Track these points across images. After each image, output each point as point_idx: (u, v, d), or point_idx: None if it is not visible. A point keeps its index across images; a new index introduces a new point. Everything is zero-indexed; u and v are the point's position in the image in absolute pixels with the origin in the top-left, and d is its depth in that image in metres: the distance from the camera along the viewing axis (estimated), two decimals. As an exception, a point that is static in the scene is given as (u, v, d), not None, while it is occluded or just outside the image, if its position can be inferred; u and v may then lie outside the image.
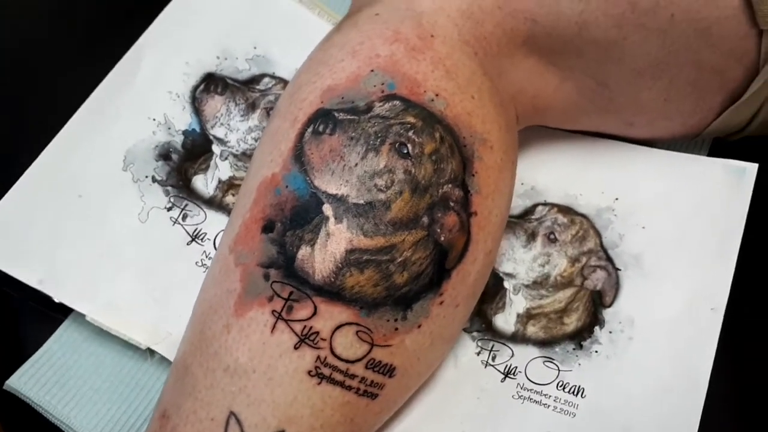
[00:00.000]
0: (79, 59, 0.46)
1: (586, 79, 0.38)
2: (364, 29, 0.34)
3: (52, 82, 0.44)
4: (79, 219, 0.39)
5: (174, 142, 0.42)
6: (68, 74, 0.45)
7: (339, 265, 0.30)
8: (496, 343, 0.39)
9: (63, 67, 0.45)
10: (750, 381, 0.39)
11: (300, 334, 0.30)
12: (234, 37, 0.45)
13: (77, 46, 0.47)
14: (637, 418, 0.35)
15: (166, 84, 0.43)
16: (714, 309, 0.37)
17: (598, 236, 0.42)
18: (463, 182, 0.32)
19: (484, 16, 0.34)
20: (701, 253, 0.39)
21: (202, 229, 0.41)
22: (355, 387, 0.31)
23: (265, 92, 0.45)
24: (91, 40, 0.47)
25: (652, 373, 0.37)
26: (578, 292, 0.40)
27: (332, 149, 0.31)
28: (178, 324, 0.37)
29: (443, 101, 0.32)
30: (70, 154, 0.40)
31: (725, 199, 0.41)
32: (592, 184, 0.43)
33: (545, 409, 0.37)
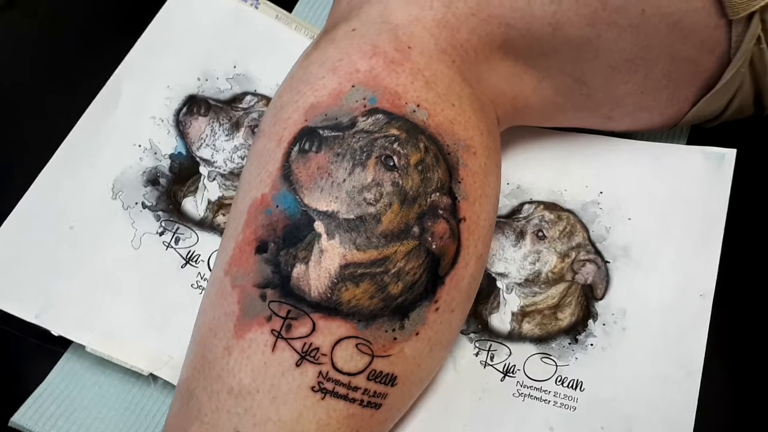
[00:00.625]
0: (59, 92, 0.46)
1: (563, 77, 0.39)
2: (342, 45, 0.34)
3: (34, 118, 0.44)
4: (71, 250, 0.39)
5: (161, 167, 0.42)
6: (49, 108, 0.45)
7: (334, 281, 0.30)
8: (493, 342, 0.40)
9: (43, 101, 0.45)
10: (742, 364, 0.40)
11: (301, 351, 0.30)
12: (213, 57, 0.46)
13: (56, 78, 0.47)
14: (636, 407, 0.36)
15: (148, 109, 0.43)
16: (703, 295, 0.38)
17: (586, 230, 0.42)
18: (450, 190, 0.32)
19: (459, 23, 0.35)
20: (687, 241, 0.40)
21: (195, 251, 0.41)
22: (358, 399, 0.31)
23: (248, 110, 0.45)
24: (70, 71, 0.47)
25: (648, 361, 0.37)
26: (570, 287, 0.41)
27: (319, 167, 0.31)
28: (179, 347, 0.37)
29: (425, 111, 0.33)
30: (59, 187, 0.40)
31: (707, 185, 0.42)
32: (576, 179, 0.44)
33: (546, 405, 0.37)
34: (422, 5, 0.35)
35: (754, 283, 0.41)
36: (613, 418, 0.36)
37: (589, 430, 0.36)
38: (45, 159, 0.40)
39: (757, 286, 0.41)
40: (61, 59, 0.47)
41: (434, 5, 0.35)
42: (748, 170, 0.43)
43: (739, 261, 0.40)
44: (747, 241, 0.41)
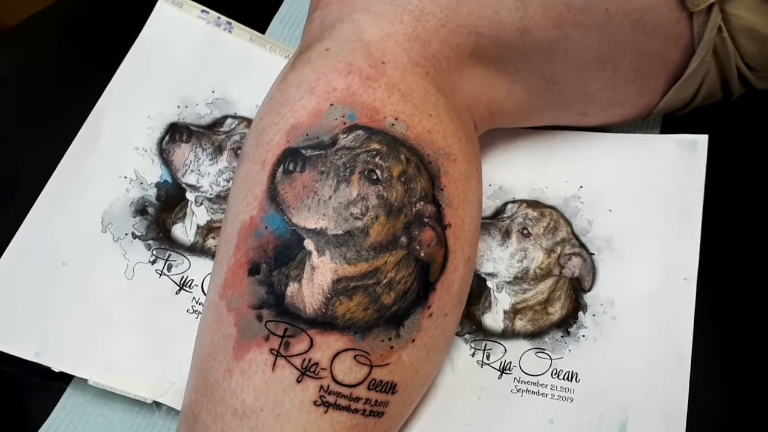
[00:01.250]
0: (42, 129, 0.46)
1: (534, 79, 0.40)
2: (317, 66, 0.35)
3: (20, 156, 0.45)
4: (66, 286, 0.39)
5: (148, 196, 0.43)
6: (33, 146, 0.45)
7: (328, 296, 0.31)
8: (488, 342, 0.41)
9: (27, 139, 0.46)
10: (730, 345, 0.41)
11: (300, 368, 0.31)
12: (191, 84, 0.46)
13: (39, 115, 0.47)
14: (630, 393, 0.37)
15: (131, 141, 0.44)
16: (687, 279, 0.39)
17: (569, 225, 0.43)
18: (433, 198, 0.33)
19: (430, 36, 0.36)
20: (667, 227, 0.41)
21: (188, 276, 0.42)
22: (361, 409, 0.32)
23: (230, 133, 0.46)
24: (52, 108, 0.47)
25: (639, 347, 0.38)
26: (558, 281, 0.42)
27: (305, 186, 0.32)
28: (180, 373, 0.38)
29: (403, 124, 0.33)
30: (49, 224, 0.40)
31: (682, 171, 0.43)
32: (556, 176, 0.45)
33: (544, 399, 0.38)
34: (393, 21, 0.35)
35: (736, 264, 0.43)
36: (609, 406, 0.37)
37: (588, 419, 0.37)
38: (33, 197, 0.41)
39: (738, 266, 0.43)
40: (41, 96, 0.47)
41: (404, 20, 0.35)
42: (722, 154, 0.44)
43: (719, 243, 0.41)
44: (725, 223, 0.43)
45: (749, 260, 0.43)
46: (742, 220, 0.45)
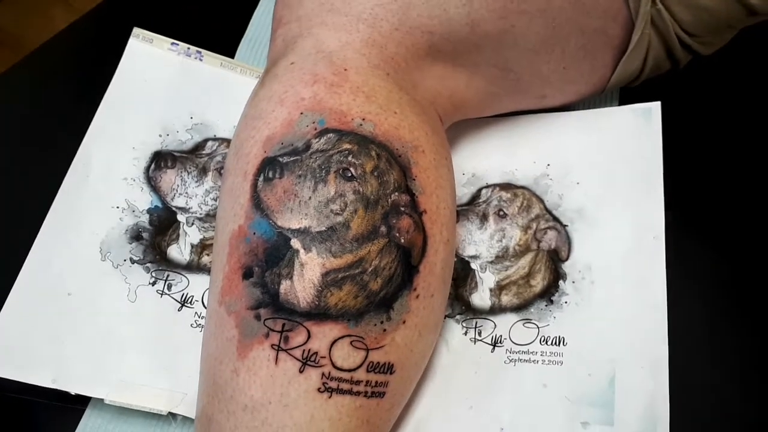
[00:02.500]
0: (33, 167, 0.48)
1: (490, 69, 0.42)
2: (284, 79, 0.37)
3: (15, 195, 0.47)
4: (74, 314, 0.41)
5: (141, 222, 0.45)
6: (26, 185, 0.47)
7: (319, 289, 0.33)
8: (478, 319, 0.43)
9: (19, 178, 0.48)
10: (702, 291, 0.43)
11: (301, 359, 0.33)
12: (170, 113, 0.48)
13: (28, 155, 0.49)
14: (615, 349, 0.39)
15: (119, 172, 0.46)
16: (656, 237, 0.42)
17: (541, 201, 0.46)
18: (407, 188, 0.36)
19: (385, 40, 0.38)
20: (632, 191, 0.44)
21: (188, 293, 0.44)
22: (363, 391, 0.34)
23: (212, 155, 0.48)
24: (41, 146, 0.49)
25: (618, 306, 0.41)
26: (537, 255, 0.44)
27: (285, 190, 0.34)
28: (190, 384, 0.40)
29: (371, 123, 0.36)
30: (51, 258, 0.42)
31: (640, 138, 0.45)
32: (524, 158, 0.48)
33: (536, 365, 0.40)
34: (349, 30, 0.38)
35: (699, 217, 0.45)
36: (597, 364, 0.39)
37: (578, 379, 0.39)
38: (33, 231, 0.43)
39: (701, 219, 0.45)
40: (29, 136, 0.50)
41: (360, 28, 0.38)
42: (677, 118, 0.47)
43: (681, 201, 0.44)
44: (685, 181, 0.45)
45: (710, 213, 0.46)
46: (701, 176, 0.47)
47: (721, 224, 0.46)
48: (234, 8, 0.56)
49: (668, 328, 0.39)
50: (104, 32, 0.57)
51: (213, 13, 0.56)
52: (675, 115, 0.47)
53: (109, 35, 0.55)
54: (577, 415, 0.38)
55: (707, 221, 0.46)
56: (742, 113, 0.52)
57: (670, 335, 0.39)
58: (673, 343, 0.39)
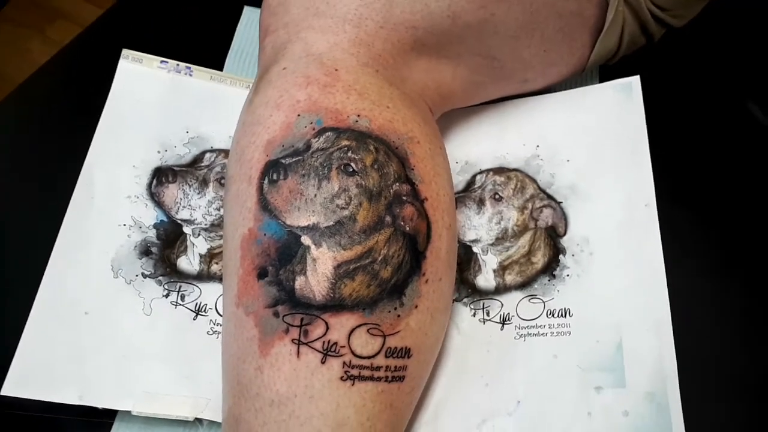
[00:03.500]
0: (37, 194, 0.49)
1: (474, 58, 0.44)
2: (278, 84, 0.38)
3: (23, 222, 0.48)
4: (93, 332, 0.42)
5: (149, 238, 0.46)
6: (31, 211, 0.48)
7: (332, 281, 0.34)
8: (485, 300, 0.44)
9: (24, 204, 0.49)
10: (695, 250, 0.45)
11: (322, 350, 0.34)
12: (166, 129, 0.49)
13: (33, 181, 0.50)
14: (620, 315, 0.41)
15: (123, 191, 0.47)
16: (647, 204, 0.43)
17: (534, 182, 0.47)
18: (406, 178, 0.37)
19: (372, 38, 0.40)
20: (620, 163, 0.45)
21: (201, 302, 0.45)
22: (383, 376, 0.35)
23: (211, 166, 0.49)
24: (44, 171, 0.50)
25: (617, 273, 0.42)
26: (535, 233, 0.46)
27: (291, 190, 0.36)
28: (212, 388, 0.41)
29: (366, 118, 0.37)
30: (65, 280, 0.43)
31: (623, 112, 0.47)
32: (514, 141, 0.49)
33: (545, 338, 0.42)
34: (336, 32, 0.39)
35: (686, 183, 0.47)
36: (604, 331, 0.41)
37: (587, 347, 0.40)
38: (44, 255, 0.44)
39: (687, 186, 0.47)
40: (30, 165, 0.51)
41: (347, 29, 0.39)
42: (655, 90, 0.48)
43: (666, 169, 0.45)
44: (670, 149, 0.47)
45: (695, 178, 0.48)
46: (683, 145, 0.49)
47: (707, 189, 0.48)
48: (217, 23, 0.57)
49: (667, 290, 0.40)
50: (91, 58, 0.58)
51: (197, 30, 0.57)
52: (653, 87, 0.49)
53: (96, 60, 0.56)
54: (589, 381, 0.39)
55: (693, 187, 0.47)
56: (716, 81, 0.54)
57: (669, 296, 0.40)
58: (673, 303, 0.40)
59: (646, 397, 0.37)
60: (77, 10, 1.30)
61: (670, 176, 0.46)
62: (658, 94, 0.49)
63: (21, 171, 0.51)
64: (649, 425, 0.37)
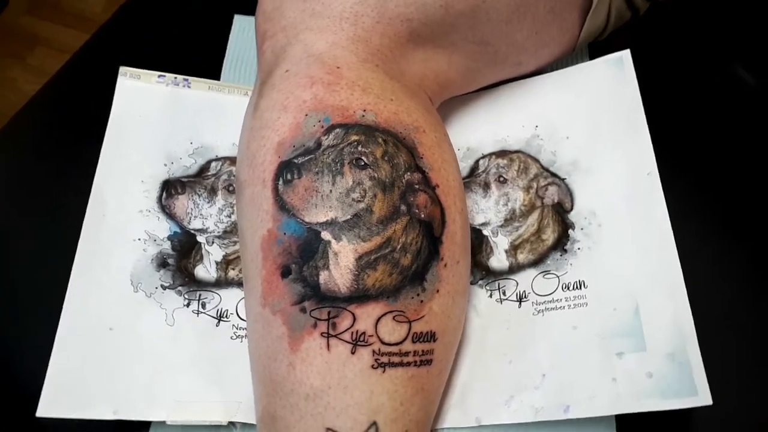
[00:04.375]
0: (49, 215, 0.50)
1: (468, 45, 0.45)
2: (283, 87, 0.39)
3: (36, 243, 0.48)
4: (119, 347, 0.43)
5: (164, 250, 0.47)
6: (46, 236, 0.49)
7: (355, 273, 0.35)
8: (500, 281, 0.45)
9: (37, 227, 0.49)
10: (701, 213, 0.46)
11: (351, 341, 0.35)
12: (170, 142, 0.50)
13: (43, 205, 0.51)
14: (634, 281, 0.42)
15: (134, 206, 0.47)
16: (649, 173, 0.44)
17: (537, 161, 0.48)
18: (417, 166, 0.38)
19: (369, 34, 0.41)
20: (620, 135, 0.46)
21: (222, 308, 0.45)
22: (412, 361, 0.36)
23: (218, 174, 0.50)
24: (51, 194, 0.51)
25: (628, 242, 0.43)
26: (542, 211, 0.47)
27: (306, 188, 0.36)
28: (243, 391, 0.42)
29: (372, 112, 0.38)
30: (86, 298, 0.44)
31: (617, 85, 0.48)
32: (513, 123, 0.50)
33: (562, 311, 0.43)
34: (334, 31, 0.40)
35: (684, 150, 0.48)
36: (620, 299, 0.41)
37: (605, 315, 0.41)
38: (65, 278, 0.44)
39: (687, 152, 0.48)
40: (41, 188, 0.51)
41: (344, 27, 0.40)
42: (646, 62, 0.50)
43: (665, 137, 0.46)
44: (666, 118, 0.48)
45: (694, 143, 0.49)
46: (678, 112, 0.50)
47: (704, 153, 0.49)
48: (209, 34, 0.57)
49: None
50: (83, 81, 0.58)
51: (189, 43, 0.58)
52: (643, 60, 0.50)
53: (89, 82, 0.57)
54: (611, 348, 0.40)
55: (690, 153, 0.49)
56: (703, 48, 0.55)
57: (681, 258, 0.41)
58: (681, 265, 0.41)
59: (667, 357, 0.38)
60: (56, 36, 1.30)
61: (668, 144, 0.47)
62: (649, 66, 0.50)
63: (31, 198, 0.52)
64: (672, 384, 0.38)
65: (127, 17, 0.60)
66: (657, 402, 0.37)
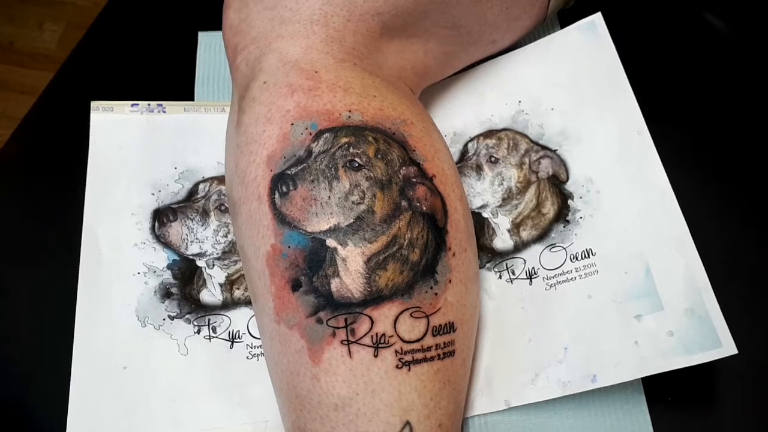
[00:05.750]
0: (43, 261, 0.48)
1: (441, 30, 0.44)
2: (263, 99, 0.38)
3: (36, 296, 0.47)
4: (136, 385, 0.42)
5: (166, 280, 0.46)
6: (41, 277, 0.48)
7: (366, 276, 0.35)
8: (507, 261, 0.45)
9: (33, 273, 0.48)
10: (698, 165, 0.46)
11: (372, 344, 0.35)
12: (154, 170, 0.49)
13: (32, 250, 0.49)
14: (641, 242, 0.41)
15: (128, 240, 0.47)
16: (639, 132, 0.44)
17: (525, 137, 0.48)
18: (411, 160, 0.37)
19: (341, 33, 0.40)
20: (604, 99, 0.46)
21: (233, 329, 0.45)
22: (435, 355, 0.36)
23: (207, 196, 0.49)
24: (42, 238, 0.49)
25: (628, 203, 0.43)
26: (539, 185, 0.46)
27: (304, 198, 0.36)
28: (267, 410, 0.41)
29: (357, 112, 0.37)
30: (95, 341, 0.43)
31: (593, 49, 0.48)
32: (495, 102, 0.50)
33: (575, 282, 0.43)
34: (306, 35, 0.39)
35: (671, 102, 0.48)
36: (630, 261, 0.41)
37: (617, 280, 0.41)
38: (69, 323, 0.43)
39: (675, 107, 0.48)
40: (31, 237, 0.50)
41: (315, 30, 0.39)
42: (617, 23, 0.49)
43: (648, 93, 0.46)
44: (645, 75, 0.48)
45: (680, 95, 0.49)
46: (656, 67, 0.50)
47: (690, 104, 0.49)
48: (176, 54, 0.56)
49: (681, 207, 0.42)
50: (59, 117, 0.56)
51: (157, 68, 0.57)
52: (614, 21, 0.49)
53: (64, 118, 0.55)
54: (628, 312, 0.40)
55: (676, 106, 0.49)
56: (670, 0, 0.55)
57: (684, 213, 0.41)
58: (687, 217, 0.41)
59: (685, 313, 0.39)
60: (13, 78, 1.27)
61: (653, 100, 0.47)
62: (622, 26, 0.49)
63: (22, 250, 0.50)
64: (695, 339, 0.38)
65: (89, 50, 0.59)
66: (682, 359, 0.38)
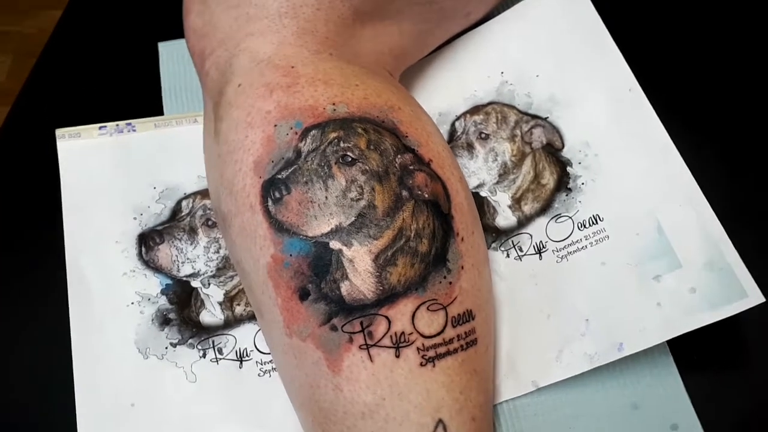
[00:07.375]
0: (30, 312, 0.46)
1: (414, 8, 0.43)
2: (241, 103, 0.36)
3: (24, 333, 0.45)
4: (146, 420, 0.40)
5: (162, 306, 0.44)
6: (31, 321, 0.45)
7: (377, 274, 0.33)
8: (512, 238, 0.44)
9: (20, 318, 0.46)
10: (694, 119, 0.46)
11: (392, 345, 0.33)
12: (132, 193, 0.46)
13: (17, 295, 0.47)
14: (648, 200, 0.40)
15: (116, 270, 0.44)
16: (631, 89, 0.43)
17: (513, 108, 0.47)
18: (405, 147, 0.36)
19: (313, 24, 0.38)
20: (591, 60, 0.45)
21: (240, 347, 0.43)
22: (458, 346, 0.34)
23: (192, 212, 0.46)
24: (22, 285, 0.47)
25: (629, 161, 0.42)
26: (534, 155, 0.45)
27: (300, 202, 0.34)
28: (286, 426, 0.40)
29: (342, 104, 0.36)
30: (98, 382, 0.40)
31: (573, 11, 0.46)
32: (477, 76, 0.48)
33: (586, 251, 0.41)
34: (276, 29, 0.37)
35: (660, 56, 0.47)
36: (640, 221, 0.40)
37: (629, 242, 0.40)
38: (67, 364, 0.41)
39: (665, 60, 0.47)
40: (12, 284, 0.47)
41: (285, 23, 0.37)
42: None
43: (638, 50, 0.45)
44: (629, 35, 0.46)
45: (667, 47, 0.48)
46: (641, 21, 0.49)
47: (680, 55, 0.48)
48: (137, 69, 0.53)
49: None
50: (22, 150, 0.53)
51: (120, 84, 0.54)
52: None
53: (28, 151, 0.52)
54: (646, 274, 0.39)
55: (665, 59, 0.47)
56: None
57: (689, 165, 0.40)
58: (692, 170, 0.40)
59: (705, 267, 0.37)
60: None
61: (642, 57, 0.45)
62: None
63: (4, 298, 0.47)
64: (718, 292, 0.37)
65: (45, 76, 0.55)
66: (708, 315, 0.36)
